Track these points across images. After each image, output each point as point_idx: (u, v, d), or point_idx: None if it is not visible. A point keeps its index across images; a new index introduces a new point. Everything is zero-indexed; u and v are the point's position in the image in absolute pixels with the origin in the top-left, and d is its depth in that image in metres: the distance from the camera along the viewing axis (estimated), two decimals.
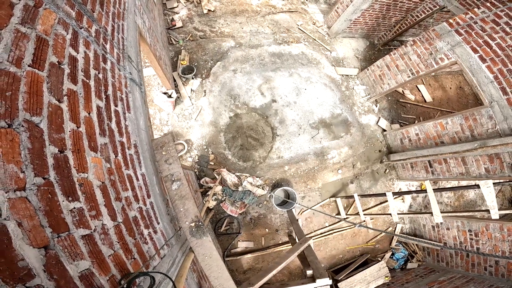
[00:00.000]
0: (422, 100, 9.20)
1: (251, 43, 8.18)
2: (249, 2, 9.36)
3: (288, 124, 7.18)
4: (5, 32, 1.05)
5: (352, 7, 7.95)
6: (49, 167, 1.11)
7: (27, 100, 1.07)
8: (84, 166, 1.39)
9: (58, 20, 1.46)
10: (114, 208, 1.61)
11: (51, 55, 1.34)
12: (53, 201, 1.07)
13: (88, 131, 1.53)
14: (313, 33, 9.18)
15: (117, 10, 2.63)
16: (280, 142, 6.97)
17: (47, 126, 1.16)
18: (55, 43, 1.40)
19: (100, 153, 1.61)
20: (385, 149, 7.78)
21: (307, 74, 8.03)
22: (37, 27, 1.27)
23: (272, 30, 8.76)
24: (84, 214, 1.27)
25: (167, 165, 2.54)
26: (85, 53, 1.74)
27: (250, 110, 7.11)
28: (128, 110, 2.34)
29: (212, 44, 7.83)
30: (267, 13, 9.24)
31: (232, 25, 8.44)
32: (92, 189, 1.41)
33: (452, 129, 5.85)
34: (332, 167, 7.16)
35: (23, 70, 1.10)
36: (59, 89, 1.33)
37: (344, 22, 8.60)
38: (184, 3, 8.39)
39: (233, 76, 7.40)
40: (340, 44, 9.32)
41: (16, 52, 1.08)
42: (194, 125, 6.64)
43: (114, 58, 2.23)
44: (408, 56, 6.61)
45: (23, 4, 1.19)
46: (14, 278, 0.81)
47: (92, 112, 1.64)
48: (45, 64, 1.26)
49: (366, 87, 8.31)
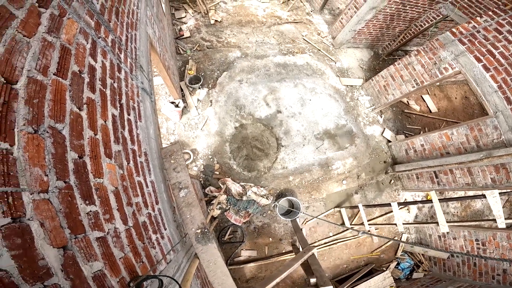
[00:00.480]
0: (427, 110, 9.19)
1: (256, 54, 8.32)
2: (255, 13, 9.56)
3: (293, 135, 7.25)
4: (33, 40, 1.14)
5: (356, 17, 8.04)
6: (69, 172, 1.19)
7: (52, 107, 1.16)
8: (100, 171, 1.47)
9: (79, 30, 1.56)
10: (125, 212, 1.68)
11: (73, 64, 1.43)
12: (72, 203, 1.15)
13: (104, 138, 1.62)
14: (318, 43, 9.30)
15: (130, 20, 2.75)
16: (285, 153, 7.03)
17: (69, 133, 1.25)
18: (77, 52, 1.49)
19: (114, 160, 1.69)
20: (390, 160, 7.78)
21: (312, 84, 8.12)
22: (61, 37, 1.36)
23: (278, 40, 8.90)
24: (99, 217, 1.35)
25: (175, 173, 2.61)
26: (102, 63, 1.83)
27: (255, 121, 7.20)
28: (140, 119, 2.43)
29: (219, 54, 7.98)
30: (272, 24, 9.40)
31: (238, 36, 8.60)
32: (106, 193, 1.49)
33: (458, 139, 5.84)
34: (337, 177, 7.18)
35: (49, 78, 1.19)
36: (80, 97, 1.42)
37: (349, 32, 8.68)
38: (192, 13, 8.58)
39: (239, 87, 7.52)
40: (344, 55, 9.40)
41: (43, 61, 1.17)
42: (200, 135, 6.74)
43: (128, 68, 2.33)
44: (413, 66, 6.64)
45: (50, 13, 1.29)
46: (34, 277, 0.86)
47: (108, 120, 1.73)
48: (68, 73, 1.35)
49: (370, 98, 8.35)
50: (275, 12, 9.87)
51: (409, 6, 7.96)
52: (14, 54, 1.00)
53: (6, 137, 0.88)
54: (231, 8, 9.44)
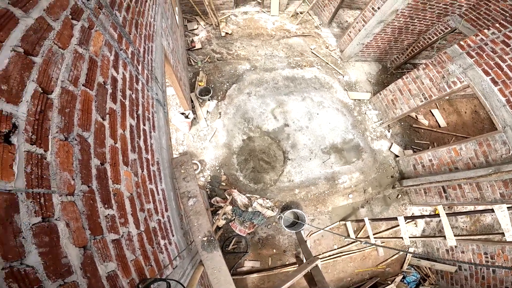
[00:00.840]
0: (436, 125, 9.17)
1: (265, 67, 8.48)
2: (265, 26, 9.79)
3: (299, 148, 7.32)
4: (67, 52, 1.24)
5: (365, 31, 8.16)
6: (92, 177, 1.28)
7: (80, 116, 1.26)
8: (118, 178, 1.57)
9: (104, 42, 1.68)
10: (138, 218, 1.77)
11: (99, 75, 1.54)
12: (93, 207, 1.24)
13: (122, 147, 1.72)
14: (326, 57, 9.43)
15: (148, 33, 2.88)
16: (291, 166, 7.10)
17: (93, 141, 1.35)
18: (102, 64, 1.61)
19: (130, 168, 1.79)
20: (397, 175, 7.77)
21: (319, 98, 8.21)
22: (89, 49, 1.47)
23: (286, 53, 9.06)
24: (115, 221, 1.44)
25: (185, 183, 2.71)
26: (123, 74, 1.95)
27: (263, 134, 7.31)
28: (153, 130, 2.54)
29: (229, 66, 8.16)
30: (281, 37, 9.59)
31: (248, 48, 8.79)
32: (122, 199, 1.58)
33: (466, 155, 5.83)
34: (343, 191, 7.20)
35: (79, 89, 1.30)
36: (103, 107, 1.53)
37: (357, 46, 8.77)
38: (203, 25, 8.82)
39: (248, 99, 7.67)
40: (352, 68, 9.50)
41: (74, 72, 1.27)
42: (208, 146, 6.88)
43: (144, 79, 2.45)
44: (421, 80, 6.65)
45: (81, 25, 1.40)
46: (56, 274, 0.93)
47: (126, 130, 1.83)
48: (94, 84, 1.46)
49: (378, 112, 8.38)
50: (284, 25, 10.09)
51: (417, 19, 8.00)
52: (51, 65, 1.10)
53: (42, 143, 0.97)
54: (241, 21, 9.69)
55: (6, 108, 0.82)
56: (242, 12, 10.15)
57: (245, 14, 10.06)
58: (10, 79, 0.86)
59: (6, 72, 0.85)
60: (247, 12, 10.24)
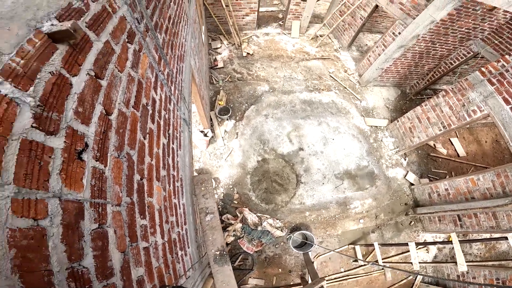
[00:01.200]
0: (455, 154, 8.99)
1: (284, 89, 8.70)
2: (285, 48, 10.10)
3: (313, 172, 7.42)
4: (123, 75, 1.41)
5: (384, 55, 8.26)
6: (134, 191, 1.43)
7: (129, 136, 1.42)
8: (152, 192, 1.73)
9: (149, 64, 1.86)
10: (163, 229, 1.91)
11: (143, 97, 1.71)
12: (133, 217, 1.39)
13: (156, 164, 1.88)
14: (344, 81, 9.57)
15: (180, 53, 3.09)
16: (304, 189, 7.19)
17: (137, 158, 1.51)
18: (146, 86, 1.78)
19: (161, 183, 1.95)
20: (411, 202, 7.72)
21: (335, 123, 8.34)
22: (138, 71, 1.64)
23: (305, 76, 9.28)
24: (147, 231, 1.58)
25: (204, 199, 2.88)
26: (160, 95, 2.12)
27: (277, 156, 7.46)
28: (179, 148, 2.71)
29: (248, 87, 8.43)
30: (300, 59, 9.86)
31: (268, 70, 9.06)
32: (153, 211, 1.73)
33: (484, 185, 5.77)
34: (354, 216, 7.21)
35: (129, 110, 1.47)
36: (145, 127, 1.70)
37: (376, 70, 8.86)
38: (226, 44, 9.18)
39: (265, 121, 7.88)
40: (370, 93, 9.58)
41: (127, 94, 1.44)
42: (223, 165, 7.07)
43: (175, 99, 2.64)
44: (440, 107, 6.60)
45: (133, 48, 1.58)
46: (102, 275, 1.05)
47: (160, 148, 1.99)
48: (140, 105, 1.63)
49: (395, 140, 8.36)
50: (304, 47, 10.38)
51: (438, 44, 8.01)
52: (112, 88, 1.26)
53: (103, 160, 1.13)
54: (262, 41, 10.02)
55: (80, 129, 0.99)
56: (264, 33, 10.52)
57: (266, 35, 10.41)
58: (85, 102, 1.03)
59: (82, 95, 1.01)
60: (269, 34, 10.61)
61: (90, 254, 0.98)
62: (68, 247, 0.86)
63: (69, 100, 0.93)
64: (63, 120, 0.89)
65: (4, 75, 0.70)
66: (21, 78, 0.75)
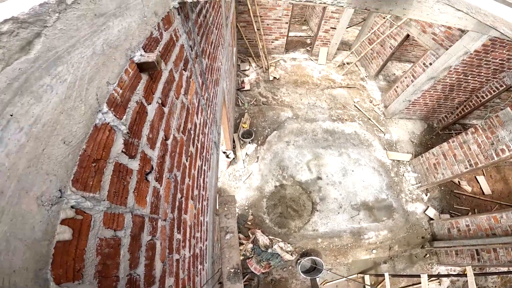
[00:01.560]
0: (480, 192, 8.69)
1: (307, 117, 8.85)
2: (311, 74, 10.32)
3: (329, 202, 7.46)
4: (178, 102, 1.57)
5: (413, 87, 8.16)
6: (175, 208, 1.59)
7: (177, 159, 1.59)
8: (187, 210, 1.87)
9: (195, 90, 2.04)
10: (191, 243, 2.05)
11: (189, 122, 1.88)
12: (172, 231, 1.53)
13: (192, 184, 2.03)
14: (368, 111, 9.60)
15: (216, 77, 3.29)
16: (318, 217, 7.22)
17: (180, 179, 1.67)
18: (191, 111, 1.95)
19: (193, 202, 2.10)
20: (429, 236, 7.57)
21: (356, 155, 8.37)
22: (187, 97, 1.81)
23: (329, 105, 9.40)
24: (180, 244, 1.72)
25: (225, 219, 3.02)
26: (200, 120, 2.30)
27: (295, 183, 7.56)
28: (209, 170, 2.87)
29: (272, 112, 8.63)
30: (326, 87, 10.01)
31: (292, 95, 9.26)
32: (186, 227, 1.87)
33: (506, 223, 5.70)
34: (367, 246, 7.15)
35: (179, 135, 1.64)
36: (188, 151, 1.86)
37: (403, 102, 8.76)
38: (254, 67, 9.49)
39: (286, 148, 8.04)
40: (395, 126, 9.52)
41: (179, 120, 1.61)
42: (241, 187, 7.23)
43: (210, 123, 2.83)
44: (468, 145, 6.48)
45: (186, 75, 1.75)
46: (147, 282, 1.17)
47: (195, 170, 2.16)
48: (186, 130, 1.80)
49: (417, 175, 8.24)
50: (330, 75, 10.55)
51: (471, 76, 7.79)
52: (170, 115, 1.43)
53: (160, 181, 1.29)
54: (289, 66, 10.29)
55: (149, 153, 1.15)
56: (291, 58, 10.82)
57: (293, 60, 10.70)
58: (153, 128, 1.20)
59: (152, 122, 1.18)
60: (296, 59, 10.90)
61: (143, 263, 1.11)
62: (131, 256, 1.00)
63: (145, 127, 1.10)
64: (140, 145, 1.06)
65: (109, 104, 0.86)
66: (119, 108, 0.91)
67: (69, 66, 0.69)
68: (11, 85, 0.54)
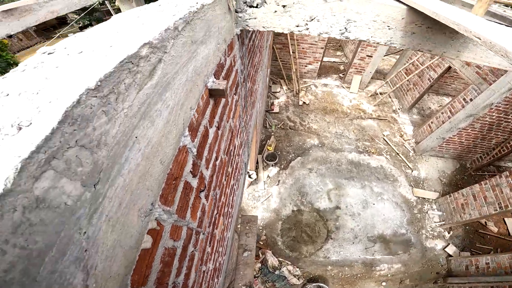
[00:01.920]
0: (506, 233, 8.28)
1: (333, 146, 8.84)
2: (341, 102, 10.27)
3: (345, 231, 7.40)
4: (227, 125, 1.69)
5: (449, 124, 7.82)
6: (211, 224, 1.71)
7: (219, 179, 1.73)
8: (218, 225, 2.00)
9: (239, 114, 2.17)
10: (214, 257, 2.16)
11: (231, 144, 2.02)
12: (206, 244, 1.65)
13: (225, 201, 2.16)
14: (397, 146, 9.29)
15: (253, 99, 3.44)
16: (331, 245, 7.16)
17: (217, 197, 1.80)
18: (234, 134, 2.09)
19: (223, 218, 2.21)
20: (444, 272, 7.30)
21: (380, 189, 8.27)
22: (233, 120, 1.95)
23: (357, 136, 9.32)
24: (208, 257, 1.83)
25: (245, 237, 3.12)
26: (238, 141, 2.44)
27: (313, 210, 7.57)
28: (237, 189, 3.00)
29: (298, 137, 8.70)
30: (355, 117, 9.91)
31: (320, 123, 9.29)
32: (214, 241, 1.99)
33: None
34: (377, 278, 6.99)
35: (224, 156, 1.77)
36: (227, 171, 2.00)
37: (436, 139, 8.45)
38: (285, 90, 9.61)
39: (308, 175, 8.09)
40: (425, 163, 9.19)
41: (226, 143, 1.74)
42: (259, 207, 7.31)
43: (244, 144, 2.96)
44: (501, 188, 6.24)
45: (236, 99, 1.84)
46: None
47: (229, 189, 2.29)
48: (228, 152, 1.94)
49: (442, 213, 7.94)
50: (361, 104, 10.42)
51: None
52: (222, 137, 1.57)
53: (207, 198, 1.42)
54: (320, 92, 10.35)
55: (204, 173, 1.28)
56: (323, 84, 10.87)
57: (324, 86, 10.74)
58: (210, 150, 1.33)
59: (210, 145, 1.32)
60: (327, 85, 10.93)
61: (183, 272, 1.22)
62: (179, 265, 1.12)
63: (205, 148, 1.23)
64: (200, 166, 1.19)
65: (190, 128, 0.99)
66: (193, 131, 1.04)
67: (172, 92, 0.82)
68: (139, 110, 0.66)
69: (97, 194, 0.53)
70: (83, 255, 0.50)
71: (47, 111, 0.45)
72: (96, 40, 0.68)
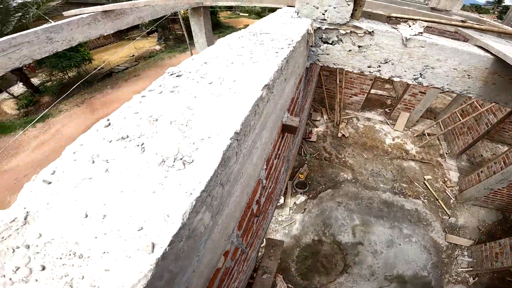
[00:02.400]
0: None
1: (367, 183, 8.67)
2: (382, 140, 9.89)
3: (363, 267, 7.24)
4: (282, 156, 1.85)
5: (501, 175, 7.31)
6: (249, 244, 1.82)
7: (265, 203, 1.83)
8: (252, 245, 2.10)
9: (288, 143, 2.28)
10: (239, 276, 2.25)
11: (277, 172, 2.13)
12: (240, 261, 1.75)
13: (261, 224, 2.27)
14: (438, 192, 8.78)
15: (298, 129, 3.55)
16: (345, 279, 7.02)
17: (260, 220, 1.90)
18: (282, 162, 2.20)
19: (257, 239, 2.32)
20: None
21: (410, 232, 8.02)
22: (284, 150, 2.06)
23: (394, 176, 8.95)
24: (237, 274, 1.93)
25: (268, 260, 3.24)
26: (282, 169, 2.54)
27: (334, 242, 7.52)
28: (271, 213, 3.10)
29: (332, 169, 8.66)
30: (396, 156, 9.47)
31: (357, 158, 9.13)
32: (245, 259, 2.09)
33: None
34: None
35: (272, 185, 1.89)
36: (270, 197, 2.10)
37: (483, 190, 7.95)
38: (325, 119, 9.58)
39: (336, 208, 8.06)
40: (465, 211, 8.64)
41: (274, 172, 1.87)
42: (279, 231, 7.38)
43: (283, 171, 3.07)
44: None
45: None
46: None
47: (266, 213, 2.41)
48: (274, 179, 2.05)
49: (472, 260, 7.53)
50: (404, 144, 9.89)
51: None
52: (275, 170, 1.70)
53: (255, 223, 1.54)
54: (361, 126, 10.14)
55: (261, 200, 1.40)
56: (365, 118, 10.57)
57: (367, 120, 10.44)
58: (270, 180, 1.45)
59: (271, 175, 1.44)
60: (370, 119, 10.60)
61: (226, 286, 1.33)
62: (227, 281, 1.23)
63: (268, 178, 1.35)
64: (262, 194, 1.31)
65: (267, 162, 1.10)
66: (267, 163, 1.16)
67: (267, 130, 0.92)
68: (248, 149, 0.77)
69: (214, 222, 0.65)
70: (191, 275, 0.61)
71: (204, 151, 0.56)
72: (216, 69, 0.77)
